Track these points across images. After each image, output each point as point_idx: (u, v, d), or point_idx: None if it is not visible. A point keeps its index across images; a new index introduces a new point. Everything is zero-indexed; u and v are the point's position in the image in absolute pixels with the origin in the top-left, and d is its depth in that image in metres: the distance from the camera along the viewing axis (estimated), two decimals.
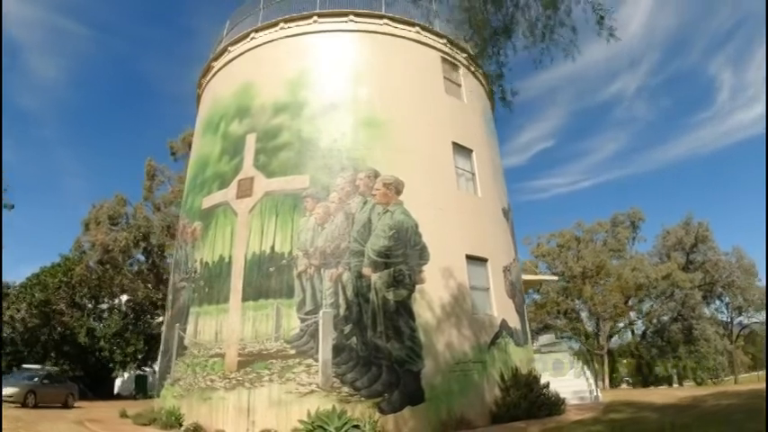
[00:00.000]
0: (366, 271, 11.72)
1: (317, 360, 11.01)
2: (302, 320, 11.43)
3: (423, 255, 12.18)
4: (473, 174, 14.40)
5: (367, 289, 11.58)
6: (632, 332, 34.57)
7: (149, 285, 24.01)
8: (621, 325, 30.04)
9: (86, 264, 22.55)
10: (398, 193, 12.61)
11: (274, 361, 11.22)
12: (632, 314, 30.96)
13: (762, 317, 35.41)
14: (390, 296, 11.56)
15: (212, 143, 14.69)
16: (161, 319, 28.31)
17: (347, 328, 11.30)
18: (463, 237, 13.13)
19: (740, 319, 36.79)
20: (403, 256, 11.95)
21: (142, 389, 25.21)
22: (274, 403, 10.87)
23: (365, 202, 12.35)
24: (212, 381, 11.76)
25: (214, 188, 13.87)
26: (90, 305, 25.53)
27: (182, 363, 12.75)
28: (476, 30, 5.59)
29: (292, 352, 11.22)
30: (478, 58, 5.85)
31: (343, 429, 9.85)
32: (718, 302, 35.86)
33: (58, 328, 23.77)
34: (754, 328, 38.36)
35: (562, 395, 13.16)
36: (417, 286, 11.81)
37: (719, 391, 16.97)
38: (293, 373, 11.04)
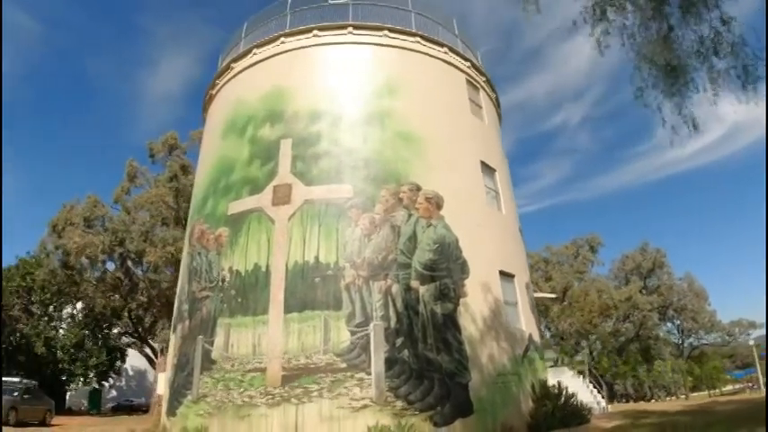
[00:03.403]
0: (414, 284, 11.74)
1: (369, 373, 10.81)
2: (352, 333, 11.20)
3: (464, 269, 12.43)
4: (497, 192, 14.96)
5: (416, 301, 11.61)
6: (590, 351, 36.81)
7: (116, 294, 22.07)
8: (584, 345, 31.97)
9: (51, 268, 20.33)
10: (439, 207, 12.80)
11: (323, 375, 10.87)
12: (592, 335, 33.05)
13: (711, 338, 39.27)
14: (438, 309, 11.66)
15: (238, 146, 14.08)
16: (116, 330, 26.08)
17: (399, 341, 11.23)
18: (495, 253, 13.57)
19: (690, 340, 40.54)
20: (446, 270, 12.12)
21: (96, 404, 23.01)
22: (325, 419, 10.51)
23: (410, 215, 12.42)
24: (251, 397, 11.13)
25: (244, 193, 13.28)
26: (47, 312, 22.98)
27: (209, 378, 11.94)
28: (660, 69, 6.23)
29: (343, 365, 10.93)
30: (672, 95, 6.40)
31: None
32: (669, 325, 39.43)
33: (11, 337, 21.10)
34: (703, 349, 42.26)
35: None
36: (461, 300, 12.02)
37: (710, 401, 18.54)
38: (345, 387, 10.75)
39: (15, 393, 14.91)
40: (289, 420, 10.64)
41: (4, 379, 16.10)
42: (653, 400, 30.16)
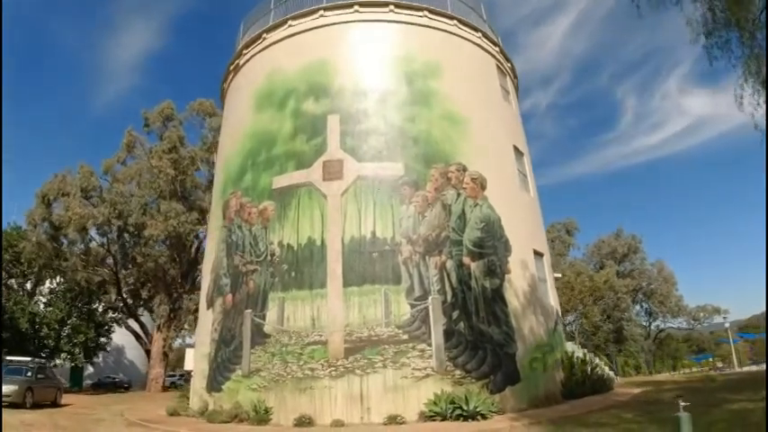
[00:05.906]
0: (466, 260, 12.25)
1: (429, 345, 11.28)
2: (412, 306, 11.59)
3: (507, 247, 13.07)
4: (525, 175, 15.67)
5: (468, 277, 12.13)
6: (565, 331, 38.64)
7: (103, 268, 20.91)
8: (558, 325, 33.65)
9: (38, 240, 18.90)
10: (483, 188, 13.31)
11: (386, 346, 11.20)
12: (569, 316, 35.00)
13: (677, 323, 42.73)
14: (487, 284, 12.26)
15: (278, 120, 13.84)
16: (98, 305, 24.72)
17: (455, 314, 11.75)
18: (529, 232, 14.32)
19: (657, 323, 43.87)
20: (492, 247, 12.71)
21: (78, 381, 21.94)
22: (390, 389, 10.88)
23: (458, 195, 12.85)
24: (312, 369, 11.29)
25: (289, 167, 13.15)
26: (23, 287, 21.38)
27: (262, 352, 11.95)
28: (758, 81, 7.22)
29: (404, 337, 11.32)
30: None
31: (479, 408, 10.33)
32: (638, 308, 42.46)
33: None
34: (669, 332, 45.78)
35: None
36: (505, 276, 12.67)
37: (702, 375, 20.40)
38: (407, 358, 11.16)
39: (29, 374, 13.93)
40: (354, 391, 10.91)
41: (15, 358, 15.07)
42: (627, 378, 32.75)
